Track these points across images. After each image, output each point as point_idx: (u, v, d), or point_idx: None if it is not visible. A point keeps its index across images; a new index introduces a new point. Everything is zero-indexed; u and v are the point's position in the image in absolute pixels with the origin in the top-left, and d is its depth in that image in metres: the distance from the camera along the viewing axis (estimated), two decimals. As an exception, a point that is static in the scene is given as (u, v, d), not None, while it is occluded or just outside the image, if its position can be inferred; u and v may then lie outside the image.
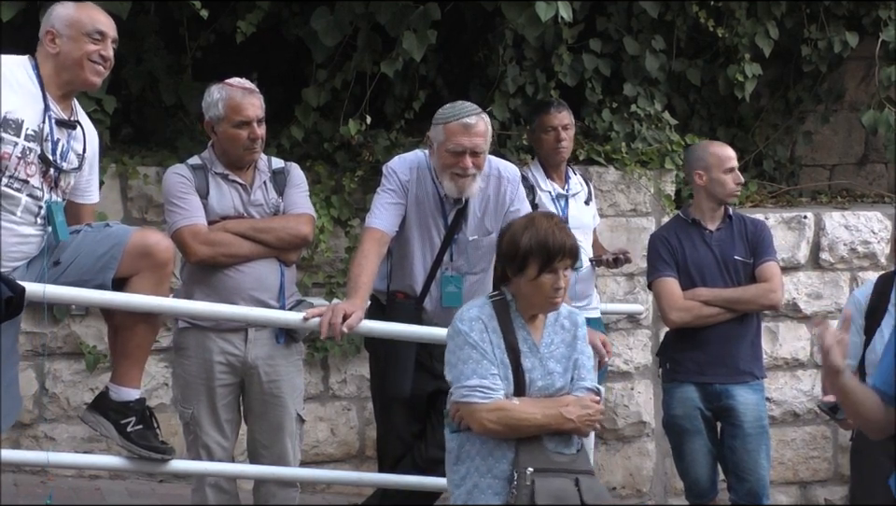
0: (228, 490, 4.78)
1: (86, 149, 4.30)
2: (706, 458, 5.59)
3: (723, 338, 5.52)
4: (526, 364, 3.78)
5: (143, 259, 4.23)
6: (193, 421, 4.69)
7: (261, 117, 4.69)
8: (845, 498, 7.15)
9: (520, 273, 3.76)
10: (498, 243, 3.89)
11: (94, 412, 4.38)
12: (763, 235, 5.65)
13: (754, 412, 5.55)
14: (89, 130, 4.37)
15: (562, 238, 3.77)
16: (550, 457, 3.74)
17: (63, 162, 4.20)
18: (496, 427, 3.70)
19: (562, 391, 3.81)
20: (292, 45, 6.82)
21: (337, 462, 6.47)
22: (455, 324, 3.81)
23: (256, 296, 4.65)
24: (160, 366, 6.10)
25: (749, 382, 5.57)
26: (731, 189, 5.59)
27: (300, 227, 4.75)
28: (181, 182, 4.67)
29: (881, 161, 8.34)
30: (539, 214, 3.93)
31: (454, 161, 4.63)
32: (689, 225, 5.64)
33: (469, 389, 3.71)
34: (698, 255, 5.58)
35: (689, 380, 5.55)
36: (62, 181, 4.23)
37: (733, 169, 5.59)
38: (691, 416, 5.54)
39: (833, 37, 7.57)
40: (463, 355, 3.75)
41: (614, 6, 7.22)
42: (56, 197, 4.21)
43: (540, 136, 5.95)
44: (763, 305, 5.62)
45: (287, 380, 4.75)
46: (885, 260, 7.27)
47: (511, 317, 3.81)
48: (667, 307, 5.57)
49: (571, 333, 3.90)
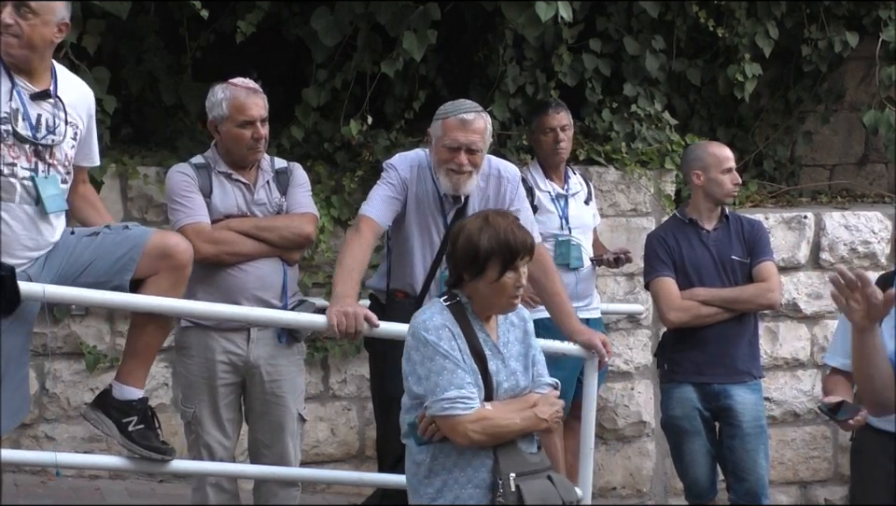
0: (229, 490, 4.78)
1: (68, 115, 4.22)
2: (704, 459, 5.59)
3: (721, 338, 5.52)
4: (492, 367, 3.68)
5: (162, 260, 4.23)
6: (195, 420, 4.70)
7: (265, 117, 4.70)
8: (845, 499, 7.15)
9: (479, 275, 3.65)
10: (451, 246, 3.74)
11: (96, 409, 4.36)
12: (759, 235, 5.65)
13: (752, 411, 5.55)
14: (73, 93, 4.28)
15: (522, 236, 3.68)
16: (526, 460, 3.67)
17: (50, 136, 4.15)
18: (481, 437, 3.59)
19: (526, 390, 3.75)
20: (292, 45, 6.82)
21: (337, 462, 6.47)
22: (418, 334, 3.64)
23: (259, 295, 4.66)
24: (160, 366, 6.10)
25: (747, 382, 5.57)
26: (728, 189, 5.59)
27: (303, 226, 4.76)
28: (184, 181, 4.68)
29: (881, 161, 8.34)
30: (491, 212, 3.79)
31: (449, 157, 4.62)
32: (686, 225, 5.65)
33: (449, 402, 3.56)
34: (695, 255, 5.58)
35: (687, 380, 5.55)
36: (56, 154, 4.18)
37: (731, 169, 5.59)
38: (689, 417, 5.54)
39: (834, 37, 7.57)
40: (435, 366, 3.59)
41: (614, 6, 7.22)
42: (55, 173, 4.17)
43: (539, 137, 5.96)
44: (761, 305, 5.62)
45: (288, 380, 4.75)
46: (885, 260, 7.27)
47: (469, 321, 3.68)
48: (665, 307, 5.57)
49: (521, 329, 3.84)
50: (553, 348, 4.93)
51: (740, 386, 5.54)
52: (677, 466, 5.74)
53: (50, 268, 4.17)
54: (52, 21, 4.16)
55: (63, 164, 4.22)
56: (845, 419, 4.58)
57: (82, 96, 4.35)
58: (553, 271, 4.94)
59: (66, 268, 4.19)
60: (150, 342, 4.38)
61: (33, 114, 4.14)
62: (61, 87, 4.25)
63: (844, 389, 4.80)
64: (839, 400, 4.63)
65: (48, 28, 4.15)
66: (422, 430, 3.65)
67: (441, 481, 3.65)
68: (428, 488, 3.68)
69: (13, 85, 4.11)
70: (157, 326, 4.35)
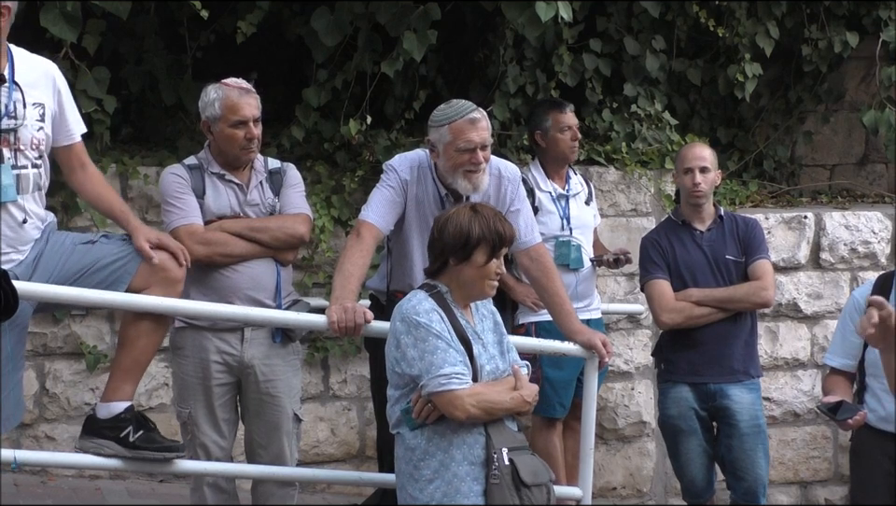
0: (226, 490, 4.78)
1: (26, 95, 4.13)
2: (700, 458, 5.59)
3: (717, 338, 5.53)
4: (476, 351, 3.87)
5: (156, 273, 4.25)
6: (190, 421, 4.69)
7: (258, 116, 4.68)
8: (845, 498, 7.14)
9: (466, 260, 3.86)
10: (438, 233, 3.92)
11: (90, 438, 4.34)
12: (754, 233, 5.65)
13: (750, 411, 5.56)
14: (31, 73, 4.19)
15: (508, 226, 3.96)
16: (514, 436, 3.87)
17: (10, 121, 4.07)
18: (477, 411, 3.76)
19: (505, 374, 3.93)
20: (292, 45, 6.82)
21: (337, 462, 6.47)
22: (409, 318, 3.82)
23: (252, 295, 4.65)
24: (160, 366, 6.09)
25: (743, 381, 5.58)
26: (687, 188, 5.60)
27: (296, 227, 4.75)
28: (178, 182, 4.67)
29: (881, 161, 8.34)
30: (477, 204, 4.06)
31: (466, 159, 4.60)
32: (679, 226, 5.66)
33: (446, 378, 3.73)
34: (689, 256, 5.59)
35: (683, 380, 5.56)
36: (21, 138, 4.11)
37: (690, 170, 5.56)
38: (685, 416, 5.56)
39: (834, 37, 7.57)
40: (429, 346, 3.77)
41: (614, 6, 7.22)
42: (29, 159, 4.12)
43: (555, 135, 5.90)
44: (755, 303, 5.61)
45: (283, 380, 4.74)
46: (885, 260, 7.27)
47: (451, 308, 3.88)
48: (658, 309, 5.59)
49: (491, 319, 4.05)
50: (553, 348, 4.94)
51: (737, 385, 5.55)
52: (674, 465, 5.76)
53: (43, 272, 4.16)
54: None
55: (31, 147, 4.16)
56: (844, 419, 4.59)
57: (42, 74, 4.25)
58: (553, 271, 4.93)
59: (59, 274, 4.18)
60: (140, 358, 4.38)
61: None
62: (18, 69, 4.16)
63: (843, 389, 4.81)
64: (838, 399, 4.64)
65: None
66: (416, 412, 3.80)
67: (438, 461, 3.79)
68: (424, 471, 3.81)
69: None
70: (148, 341, 4.35)
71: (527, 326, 5.68)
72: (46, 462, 5.35)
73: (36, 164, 4.20)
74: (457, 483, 3.76)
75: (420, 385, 3.78)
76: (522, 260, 4.89)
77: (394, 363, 3.88)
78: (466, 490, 3.76)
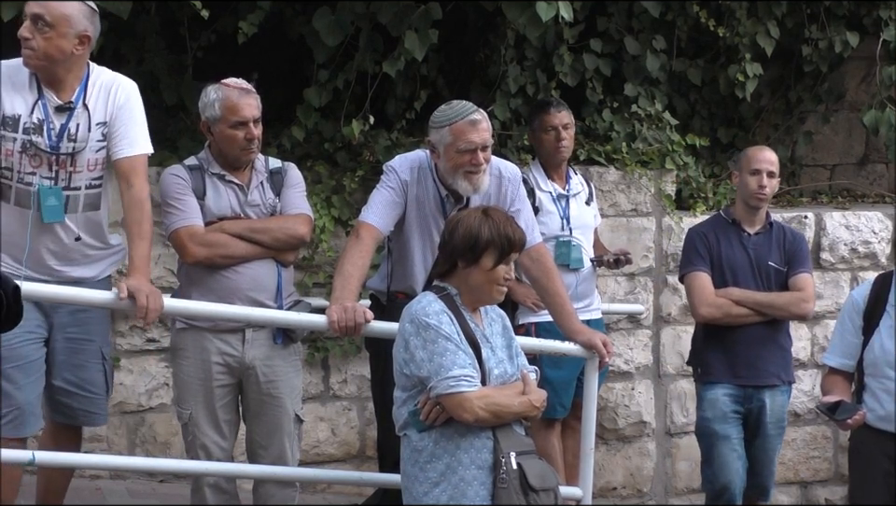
0: (227, 490, 4.78)
1: (92, 119, 4.34)
2: (736, 463, 5.59)
3: (755, 341, 5.57)
4: (485, 354, 3.85)
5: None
6: (191, 422, 4.69)
7: (258, 117, 4.68)
8: (845, 498, 7.15)
9: (474, 263, 3.84)
10: (449, 235, 3.91)
11: None
12: (800, 246, 5.72)
13: (778, 414, 5.66)
14: (102, 93, 4.40)
15: (518, 232, 3.92)
16: (522, 440, 3.86)
17: (70, 144, 4.29)
18: (485, 414, 3.74)
19: (513, 378, 3.91)
20: (293, 45, 6.82)
21: (337, 462, 6.47)
22: (418, 320, 3.79)
23: (253, 297, 4.65)
24: (160, 366, 6.10)
25: (777, 386, 5.63)
26: (751, 190, 5.62)
27: (296, 227, 4.75)
28: (178, 183, 4.68)
29: (882, 161, 8.34)
30: (489, 208, 4.05)
31: (466, 160, 4.60)
32: (728, 225, 5.70)
33: (455, 380, 3.72)
34: (734, 255, 5.62)
35: (721, 380, 5.59)
36: (77, 161, 4.31)
37: (758, 172, 5.61)
38: (720, 418, 5.57)
39: (834, 37, 7.57)
40: (438, 348, 3.75)
41: (615, 5, 7.22)
42: (84, 181, 4.33)
43: (541, 136, 5.94)
44: (794, 314, 5.66)
45: (284, 380, 4.74)
46: (885, 260, 7.27)
47: (461, 311, 3.87)
48: (698, 301, 5.60)
49: (501, 324, 4.03)
50: (554, 348, 4.95)
51: (772, 389, 5.60)
52: (706, 472, 5.70)
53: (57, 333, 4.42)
54: (70, 34, 4.27)
55: (88, 168, 4.36)
56: (843, 419, 4.60)
57: (112, 92, 4.45)
58: (554, 271, 4.94)
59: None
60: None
61: (56, 125, 4.28)
62: (91, 93, 4.37)
63: (842, 389, 4.82)
64: (837, 399, 4.65)
65: (65, 41, 4.26)
66: (425, 414, 3.78)
67: (445, 464, 3.77)
68: (430, 473, 3.79)
69: (38, 97, 4.26)
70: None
71: (527, 326, 5.68)
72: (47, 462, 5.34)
73: (92, 185, 4.40)
74: (464, 486, 3.75)
75: (429, 386, 3.76)
76: (522, 260, 4.87)
77: (402, 365, 3.85)
78: (472, 494, 3.74)
